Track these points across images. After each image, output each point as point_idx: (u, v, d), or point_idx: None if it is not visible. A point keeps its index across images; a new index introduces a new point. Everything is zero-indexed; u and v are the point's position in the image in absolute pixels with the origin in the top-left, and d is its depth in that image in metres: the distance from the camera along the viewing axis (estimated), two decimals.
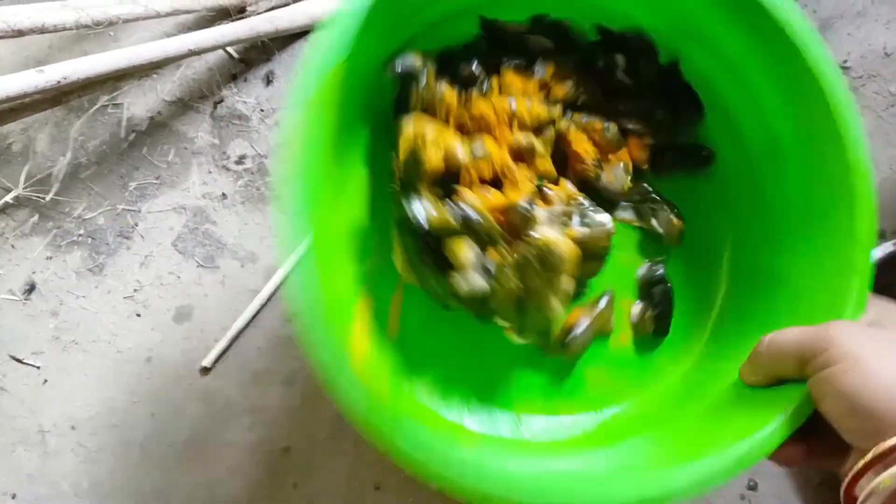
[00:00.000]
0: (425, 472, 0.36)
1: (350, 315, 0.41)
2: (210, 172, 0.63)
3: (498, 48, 0.49)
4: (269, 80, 0.65)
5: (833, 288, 0.41)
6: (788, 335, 0.37)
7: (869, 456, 0.32)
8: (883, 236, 0.61)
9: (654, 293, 0.51)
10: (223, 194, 0.62)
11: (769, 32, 0.43)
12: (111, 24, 0.57)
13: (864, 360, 0.33)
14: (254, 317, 0.59)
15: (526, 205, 0.43)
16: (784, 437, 0.36)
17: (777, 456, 0.37)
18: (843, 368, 0.33)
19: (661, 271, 0.52)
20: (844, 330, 0.35)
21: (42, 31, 0.54)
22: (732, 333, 0.48)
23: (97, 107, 0.64)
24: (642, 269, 0.52)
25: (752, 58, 0.46)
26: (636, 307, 0.52)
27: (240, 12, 0.65)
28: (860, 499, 0.32)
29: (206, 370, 0.58)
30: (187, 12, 0.62)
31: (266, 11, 0.65)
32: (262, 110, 0.64)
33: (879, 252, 0.54)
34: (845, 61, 0.67)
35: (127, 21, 0.58)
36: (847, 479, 0.33)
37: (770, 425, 0.37)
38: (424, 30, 0.46)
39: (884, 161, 0.63)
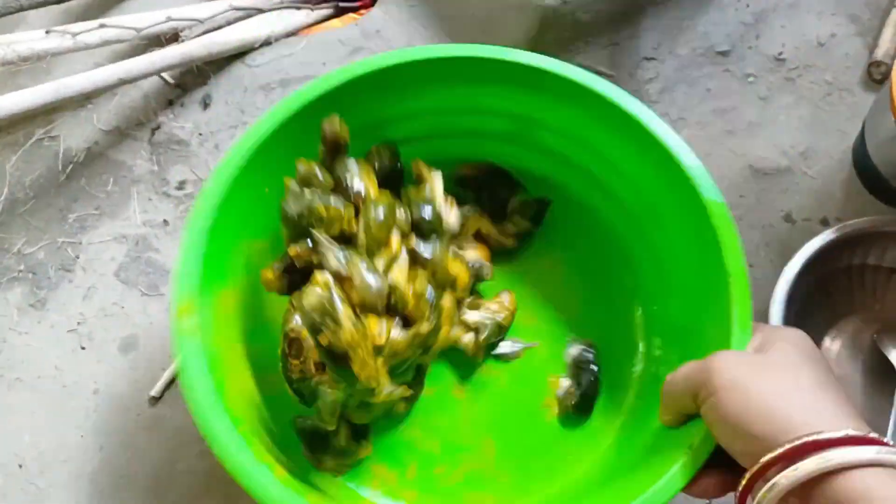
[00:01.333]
0: None
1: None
2: (150, 200, 0.62)
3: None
4: (206, 104, 0.65)
5: (718, 320, 0.43)
6: (681, 372, 0.40)
7: (748, 474, 0.34)
8: (826, 223, 0.62)
9: (581, 376, 0.53)
10: (165, 221, 0.62)
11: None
12: (39, 59, 0.57)
13: (741, 385, 0.35)
14: None
15: None
16: (690, 473, 0.38)
17: (694, 490, 0.39)
18: (722, 395, 0.35)
19: (590, 356, 0.54)
20: (724, 359, 0.37)
21: None
22: (653, 389, 0.49)
23: (32, 140, 0.63)
24: (573, 348, 0.54)
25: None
26: (564, 381, 0.54)
27: (173, 39, 0.64)
28: None
29: (154, 399, 0.57)
30: (119, 42, 0.61)
31: (199, 36, 0.64)
32: (200, 134, 0.64)
33: (821, 239, 0.55)
34: (780, 53, 0.67)
35: (56, 55, 0.58)
36: (736, 498, 0.35)
37: (676, 464, 0.38)
38: None
39: (823, 150, 0.64)
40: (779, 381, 0.35)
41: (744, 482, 0.34)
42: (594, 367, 0.53)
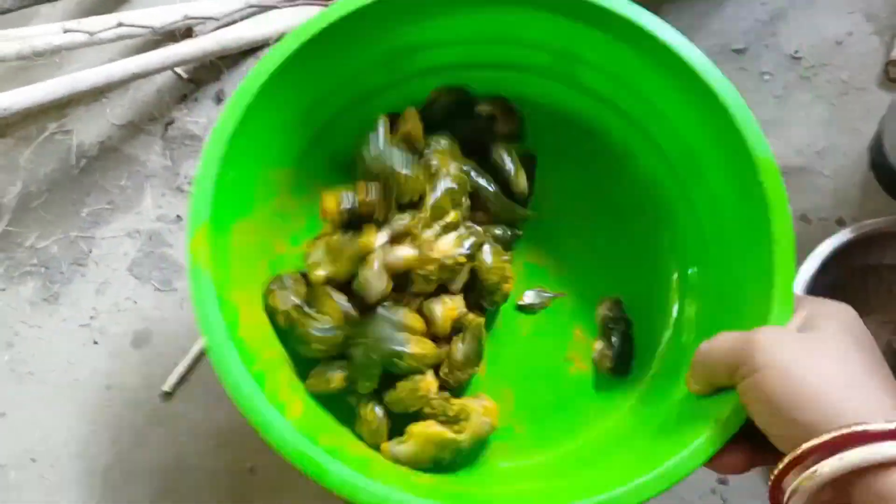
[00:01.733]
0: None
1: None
2: (164, 195, 0.62)
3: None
4: (219, 100, 0.65)
5: (759, 289, 0.41)
6: (718, 343, 0.38)
7: (787, 459, 0.32)
8: (842, 223, 0.61)
9: (613, 335, 0.51)
10: (178, 216, 0.61)
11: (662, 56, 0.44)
12: (53, 54, 0.57)
13: (784, 366, 0.34)
14: None
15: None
16: (716, 446, 0.37)
17: (718, 464, 0.38)
18: (765, 375, 0.34)
19: (620, 314, 0.52)
20: (768, 336, 0.36)
21: None
22: (681, 356, 0.48)
23: (46, 134, 0.63)
24: (602, 307, 0.53)
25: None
26: (598, 344, 0.52)
27: (187, 34, 0.64)
28: (784, 499, 0.33)
29: (167, 395, 0.57)
30: (132, 37, 0.61)
31: (213, 31, 0.64)
32: None
33: (837, 239, 0.55)
34: (796, 51, 0.67)
35: (70, 50, 0.58)
36: (770, 482, 0.34)
37: (702, 436, 0.37)
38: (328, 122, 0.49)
39: (839, 148, 0.64)
40: (827, 364, 0.33)
41: (781, 466, 0.33)
42: (626, 325, 0.51)
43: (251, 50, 0.66)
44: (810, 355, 0.34)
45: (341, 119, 0.50)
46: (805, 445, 0.31)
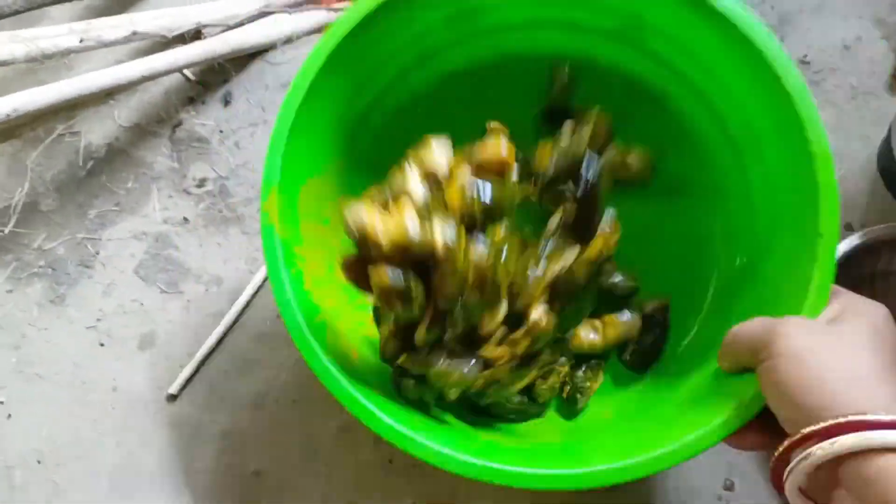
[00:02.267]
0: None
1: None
2: (170, 197, 0.62)
3: None
4: (227, 101, 0.65)
5: (797, 279, 0.42)
6: (747, 327, 0.40)
7: (787, 441, 0.35)
8: (850, 229, 0.61)
9: (648, 335, 0.52)
10: (185, 218, 0.61)
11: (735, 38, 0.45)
12: (62, 56, 0.57)
13: (801, 355, 0.35)
14: (220, 341, 0.58)
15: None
16: (738, 424, 0.39)
17: (740, 440, 0.40)
18: (779, 362, 0.36)
19: (661, 318, 0.52)
20: (793, 326, 0.37)
21: None
22: (716, 330, 0.48)
23: (53, 136, 0.63)
24: (649, 305, 0.53)
25: (726, 63, 0.47)
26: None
27: (195, 36, 0.64)
28: (783, 478, 0.35)
29: (172, 397, 0.57)
30: (141, 39, 0.61)
31: (221, 33, 0.64)
32: (221, 132, 0.64)
33: (846, 245, 0.54)
34: (805, 56, 0.67)
35: (78, 52, 0.58)
36: (772, 462, 0.36)
37: (723, 415, 0.39)
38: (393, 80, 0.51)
39: (847, 154, 0.63)
40: (843, 358, 0.35)
41: (781, 448, 0.35)
42: (662, 330, 0.52)
43: (259, 52, 0.66)
44: (827, 347, 0.36)
45: (403, 79, 0.51)
46: (805, 430, 0.33)
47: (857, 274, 0.56)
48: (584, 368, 0.51)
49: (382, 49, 0.48)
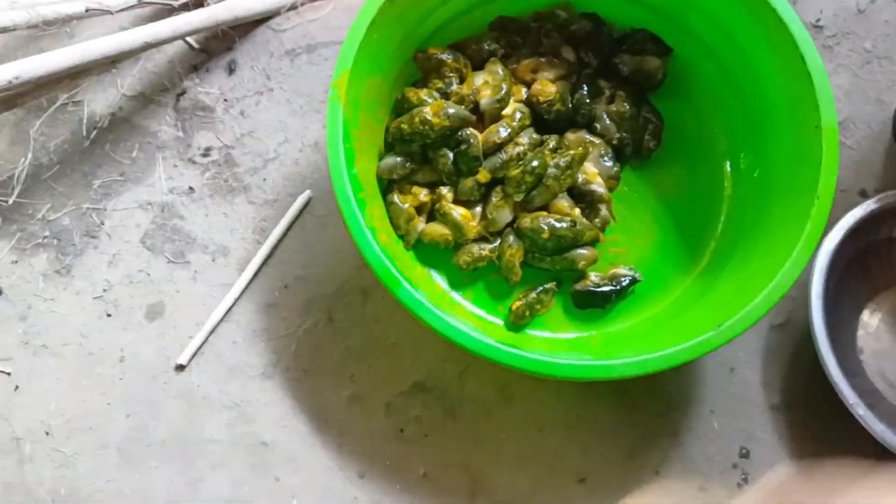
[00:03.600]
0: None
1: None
2: (175, 166, 0.61)
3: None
4: (231, 70, 0.64)
5: (792, 230, 0.48)
6: None
7: None
8: (864, 195, 0.60)
9: (607, 285, 0.56)
10: (190, 188, 0.61)
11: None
12: (64, 22, 0.56)
13: None
14: (228, 311, 0.57)
15: None
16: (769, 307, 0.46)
17: None
18: None
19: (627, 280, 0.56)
20: None
21: None
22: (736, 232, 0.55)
23: (56, 105, 0.62)
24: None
25: (748, 30, 0.53)
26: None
27: (198, 3, 0.63)
28: None
29: (181, 367, 0.56)
30: (143, 5, 0.60)
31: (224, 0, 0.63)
32: (225, 100, 0.63)
33: (861, 210, 0.54)
34: (818, 20, 0.66)
35: (80, 19, 0.57)
36: None
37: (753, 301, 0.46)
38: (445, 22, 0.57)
39: (861, 118, 0.62)
40: None
41: None
42: (617, 293, 0.55)
43: (263, 19, 0.65)
44: None
45: (468, 14, 0.57)
46: None
47: (872, 240, 0.56)
48: (539, 290, 0.55)
49: None
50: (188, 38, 0.63)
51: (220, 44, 0.64)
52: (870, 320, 0.56)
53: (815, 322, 0.51)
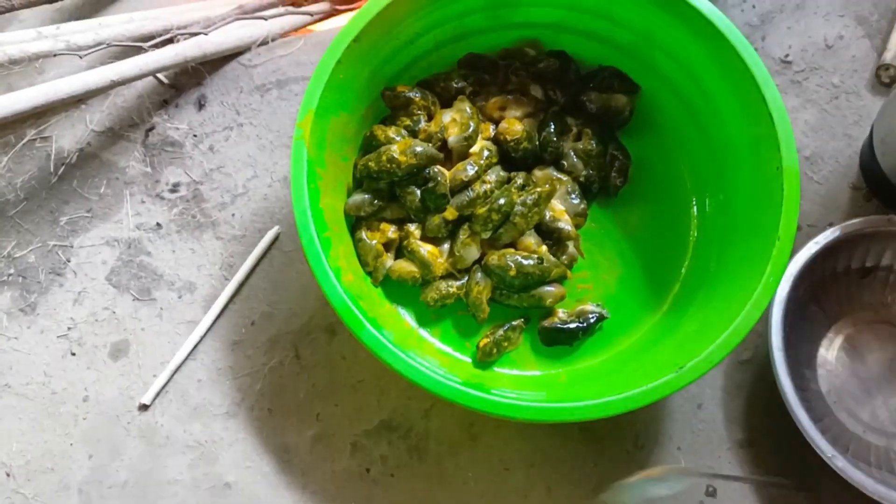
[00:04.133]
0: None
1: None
2: (143, 202, 0.61)
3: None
4: (201, 105, 0.64)
5: (753, 271, 0.48)
6: None
7: None
8: (832, 225, 0.60)
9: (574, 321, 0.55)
10: (157, 224, 0.60)
11: (725, 56, 0.52)
12: (30, 62, 0.56)
13: None
14: (193, 349, 0.57)
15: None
16: (728, 351, 0.46)
17: None
18: None
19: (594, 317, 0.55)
20: None
21: None
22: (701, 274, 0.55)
23: (24, 141, 0.62)
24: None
25: (710, 70, 0.54)
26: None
27: (168, 41, 0.63)
28: None
29: (144, 407, 0.56)
30: (111, 45, 0.60)
31: (193, 36, 0.63)
32: (195, 136, 0.63)
33: (825, 237, 0.54)
34: (787, 55, 0.66)
35: (47, 58, 0.57)
36: None
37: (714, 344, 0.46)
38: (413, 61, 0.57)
39: (829, 153, 0.63)
40: None
41: None
42: (584, 330, 0.55)
43: (233, 55, 0.65)
44: None
45: (438, 52, 0.58)
46: None
47: (835, 268, 0.56)
48: (506, 328, 0.55)
49: (425, 22, 0.54)
50: (158, 74, 0.63)
51: (190, 79, 0.64)
52: (827, 355, 0.57)
53: (778, 371, 0.51)
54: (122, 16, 0.63)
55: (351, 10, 0.76)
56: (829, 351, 0.57)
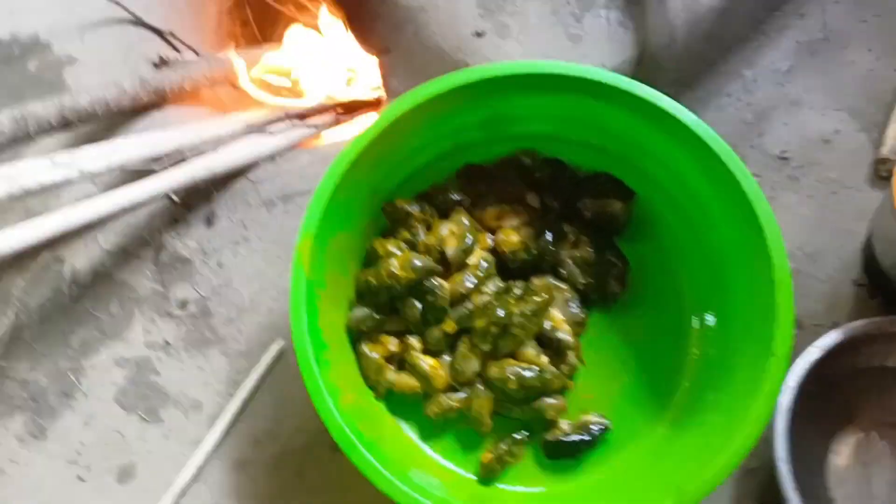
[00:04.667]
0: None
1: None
2: (153, 321, 0.62)
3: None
4: (210, 221, 0.66)
5: (752, 389, 0.47)
6: None
7: None
8: (837, 324, 0.60)
9: (583, 432, 0.54)
10: (166, 342, 0.62)
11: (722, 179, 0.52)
12: (44, 191, 0.58)
13: None
14: (199, 471, 0.57)
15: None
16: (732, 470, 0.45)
17: None
18: None
19: (598, 430, 0.55)
20: None
21: None
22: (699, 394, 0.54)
23: (39, 263, 0.64)
24: (592, 416, 0.56)
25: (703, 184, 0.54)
26: (564, 424, 0.55)
27: (178, 161, 0.65)
28: None
29: None
30: (122, 169, 0.62)
31: (203, 154, 0.65)
32: (204, 252, 0.64)
33: (827, 340, 0.54)
34: (783, 151, 0.67)
35: (61, 187, 0.59)
36: None
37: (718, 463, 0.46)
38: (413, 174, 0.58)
39: (831, 250, 0.63)
40: None
41: None
42: (588, 443, 0.54)
43: (240, 171, 0.67)
44: None
45: (436, 164, 0.59)
46: None
47: (839, 370, 0.55)
48: (509, 442, 0.55)
49: (424, 139, 0.56)
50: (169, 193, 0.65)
51: (200, 196, 0.66)
52: (837, 460, 0.55)
53: (784, 483, 0.50)
54: (134, 138, 0.65)
55: (353, 117, 0.79)
56: (839, 457, 0.55)
